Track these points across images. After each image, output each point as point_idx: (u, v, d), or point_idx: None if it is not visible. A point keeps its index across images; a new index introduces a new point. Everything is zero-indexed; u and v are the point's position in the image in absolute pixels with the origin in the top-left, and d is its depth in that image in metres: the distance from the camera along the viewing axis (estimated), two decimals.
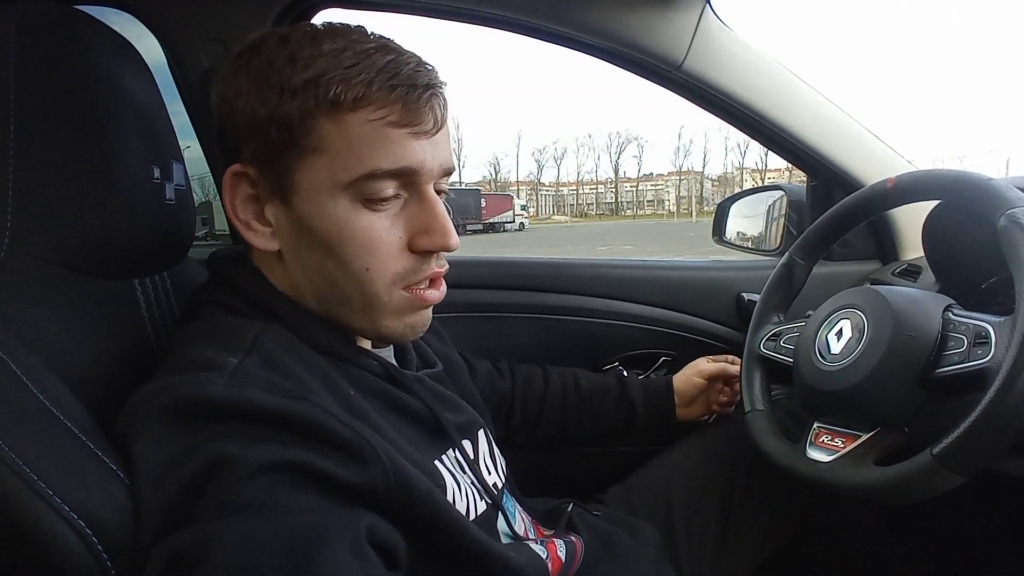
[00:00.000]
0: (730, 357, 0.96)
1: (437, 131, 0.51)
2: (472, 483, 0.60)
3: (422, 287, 0.54)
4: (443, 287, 0.57)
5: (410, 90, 0.49)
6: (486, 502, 0.60)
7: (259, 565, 0.37)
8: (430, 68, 0.52)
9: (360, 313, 0.53)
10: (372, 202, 0.50)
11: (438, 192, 0.54)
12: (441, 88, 0.52)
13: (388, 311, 0.53)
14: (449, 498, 0.54)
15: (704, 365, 0.94)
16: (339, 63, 0.48)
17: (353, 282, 0.51)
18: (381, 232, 0.51)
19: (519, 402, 0.91)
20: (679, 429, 0.95)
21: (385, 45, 0.50)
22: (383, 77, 0.48)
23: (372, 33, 0.51)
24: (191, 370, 0.44)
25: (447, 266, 0.56)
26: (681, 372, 0.96)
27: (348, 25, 0.52)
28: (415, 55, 0.51)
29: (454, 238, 0.52)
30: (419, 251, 0.52)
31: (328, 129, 0.48)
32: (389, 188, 0.50)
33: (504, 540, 0.62)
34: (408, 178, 0.51)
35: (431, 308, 0.57)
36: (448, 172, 0.54)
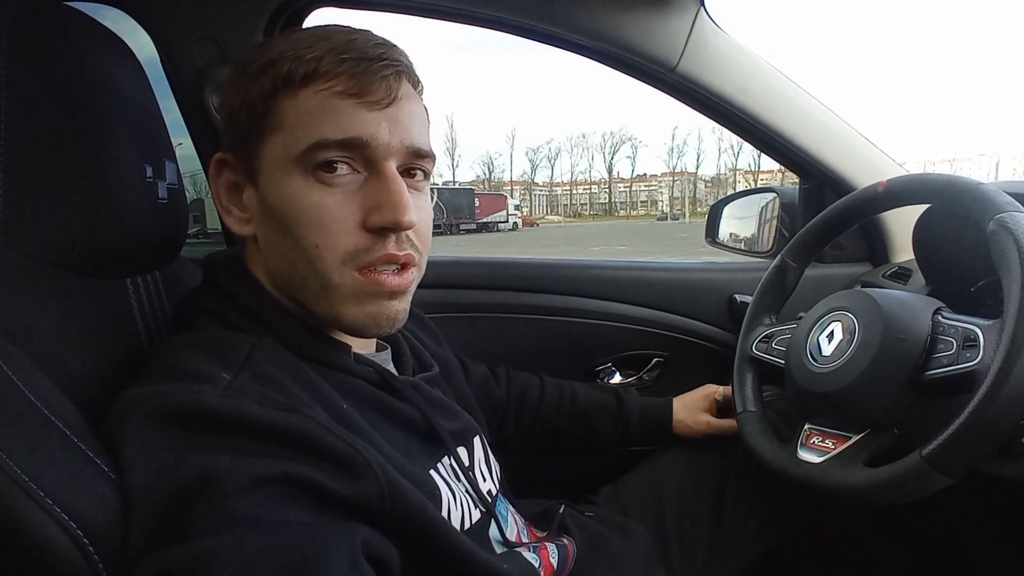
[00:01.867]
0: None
1: (391, 103, 0.50)
2: (467, 491, 0.60)
3: (380, 271, 0.51)
4: (407, 276, 0.53)
5: (360, 62, 0.49)
6: (480, 511, 0.60)
7: None
8: (392, 46, 0.51)
9: (318, 299, 0.52)
10: (323, 175, 0.49)
11: (414, 177, 0.53)
12: (400, 63, 0.51)
13: (343, 295, 0.51)
14: (444, 508, 0.54)
15: (714, 420, 0.90)
16: (296, 45, 0.50)
17: (305, 261, 0.50)
18: (332, 208, 0.49)
19: (512, 412, 0.91)
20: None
21: (351, 30, 0.51)
22: (334, 52, 0.49)
23: (351, 28, 0.52)
24: (185, 379, 0.44)
25: (409, 251, 0.52)
26: (687, 404, 0.93)
27: (335, 24, 0.53)
28: (381, 38, 0.52)
29: (406, 215, 0.49)
30: (372, 228, 0.50)
31: (284, 107, 0.49)
32: (339, 160, 0.49)
33: (497, 548, 0.61)
34: (361, 151, 0.49)
35: (399, 300, 0.53)
36: (418, 154, 0.52)
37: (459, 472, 0.60)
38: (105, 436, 0.43)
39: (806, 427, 0.68)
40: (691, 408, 0.92)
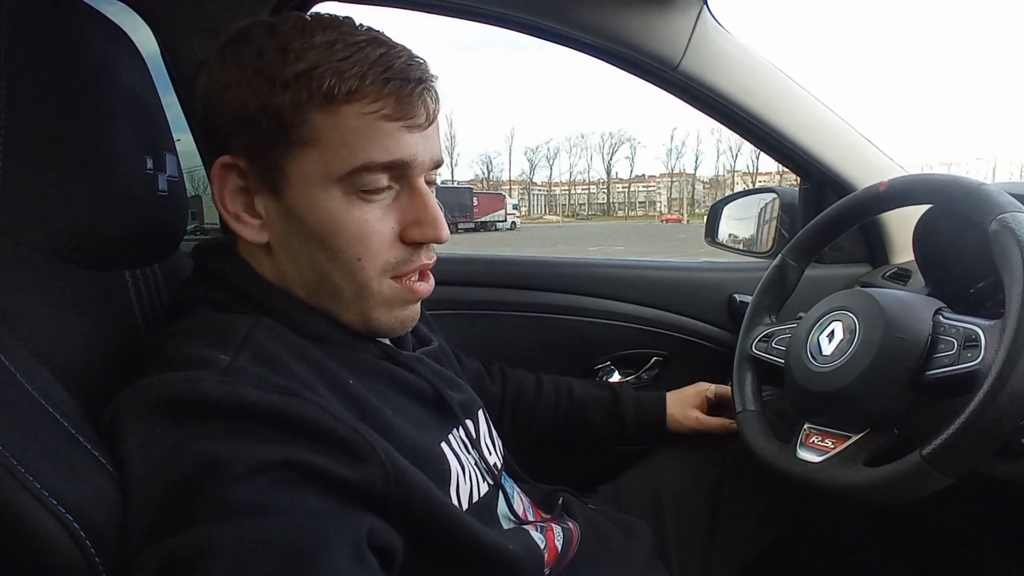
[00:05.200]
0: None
1: (429, 124, 0.52)
2: (476, 463, 0.60)
3: (412, 279, 0.55)
4: (432, 281, 0.57)
5: (403, 84, 0.49)
6: (488, 483, 0.61)
7: (257, 570, 0.36)
8: (421, 62, 0.52)
9: (351, 305, 0.53)
10: (365, 194, 0.50)
11: (428, 184, 0.54)
12: (432, 82, 0.52)
13: (378, 301, 0.54)
14: (453, 482, 0.54)
15: (703, 417, 0.91)
16: (331, 56, 0.47)
17: (344, 272, 0.52)
18: (373, 223, 0.51)
19: (510, 408, 0.91)
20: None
21: (376, 38, 0.50)
22: (376, 71, 0.48)
23: (361, 25, 0.51)
24: (182, 367, 0.44)
25: (435, 257, 0.57)
26: (679, 400, 0.93)
27: (337, 16, 0.52)
28: (406, 48, 0.52)
29: (445, 230, 0.53)
30: (410, 242, 0.53)
31: (320, 121, 0.48)
32: (382, 180, 0.50)
33: (504, 523, 0.62)
34: (400, 170, 0.51)
35: (419, 303, 0.57)
36: (438, 165, 0.54)
37: (468, 444, 0.60)
38: (104, 429, 0.43)
39: (805, 427, 0.68)
40: (682, 404, 0.93)
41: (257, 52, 0.48)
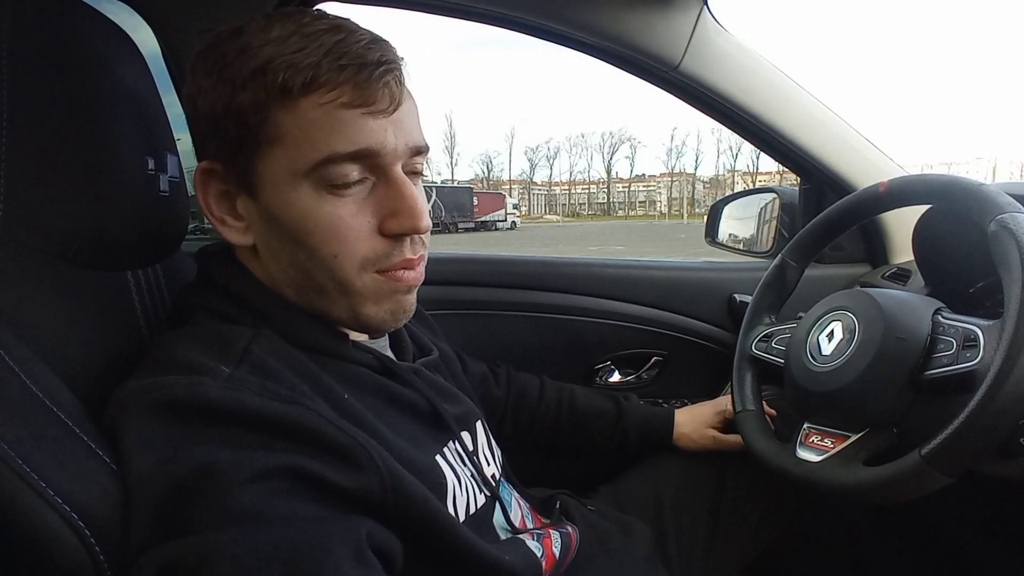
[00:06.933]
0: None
1: (395, 109, 0.49)
2: (472, 475, 0.60)
3: (397, 270, 0.52)
4: (420, 269, 0.55)
5: (360, 68, 0.47)
6: (485, 495, 0.61)
7: None
8: (384, 44, 0.49)
9: (338, 302, 0.52)
10: (336, 188, 0.48)
11: (413, 173, 0.52)
12: (397, 64, 0.49)
13: (363, 296, 0.52)
14: (450, 494, 0.54)
15: (720, 436, 0.89)
16: (285, 48, 0.46)
17: (323, 270, 0.50)
18: (347, 218, 0.49)
19: (511, 413, 0.91)
20: None
21: (337, 25, 0.48)
22: (331, 58, 0.46)
23: (328, 15, 0.50)
24: (184, 372, 0.44)
25: (423, 251, 0.54)
26: (694, 418, 0.92)
27: (303, 8, 0.50)
28: (369, 32, 0.49)
29: (424, 220, 0.51)
30: (389, 235, 0.51)
31: (281, 118, 0.47)
32: (352, 172, 0.48)
33: (501, 534, 0.62)
34: (371, 160, 0.49)
35: (413, 293, 0.55)
36: (418, 151, 0.52)
37: (464, 457, 0.60)
38: (105, 427, 0.43)
39: (805, 426, 0.68)
40: (697, 422, 0.91)
41: (222, 55, 0.48)
